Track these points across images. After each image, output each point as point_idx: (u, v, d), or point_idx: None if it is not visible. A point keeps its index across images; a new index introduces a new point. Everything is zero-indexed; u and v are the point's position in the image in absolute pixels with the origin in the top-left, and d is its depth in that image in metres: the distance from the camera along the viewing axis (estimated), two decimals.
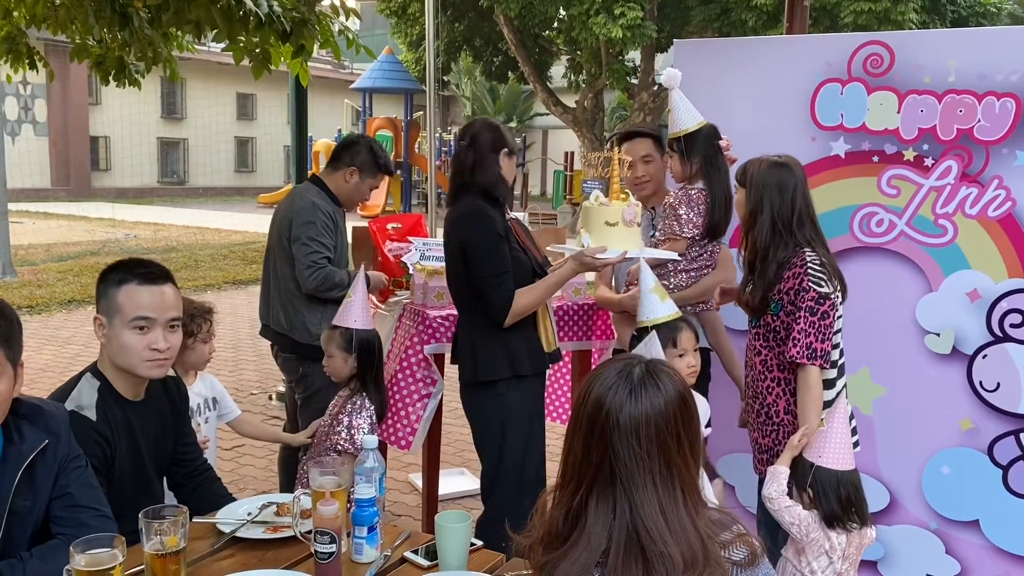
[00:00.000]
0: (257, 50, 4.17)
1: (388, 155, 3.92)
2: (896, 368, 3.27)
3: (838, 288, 2.66)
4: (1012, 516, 3.15)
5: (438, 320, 3.57)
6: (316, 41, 4.32)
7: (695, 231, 3.10)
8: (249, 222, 18.76)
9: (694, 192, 3.11)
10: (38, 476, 1.84)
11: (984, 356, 3.15)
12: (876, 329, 3.26)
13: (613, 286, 3.46)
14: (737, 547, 1.42)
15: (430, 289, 3.67)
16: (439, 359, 3.60)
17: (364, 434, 2.66)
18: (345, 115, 23.23)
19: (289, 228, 3.62)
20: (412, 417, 3.61)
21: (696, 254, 3.17)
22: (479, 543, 2.05)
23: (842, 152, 3.30)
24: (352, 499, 1.95)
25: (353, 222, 4.48)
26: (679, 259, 3.12)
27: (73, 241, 15.04)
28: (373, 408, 2.81)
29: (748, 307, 2.80)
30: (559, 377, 4.15)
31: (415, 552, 2.00)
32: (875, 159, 3.25)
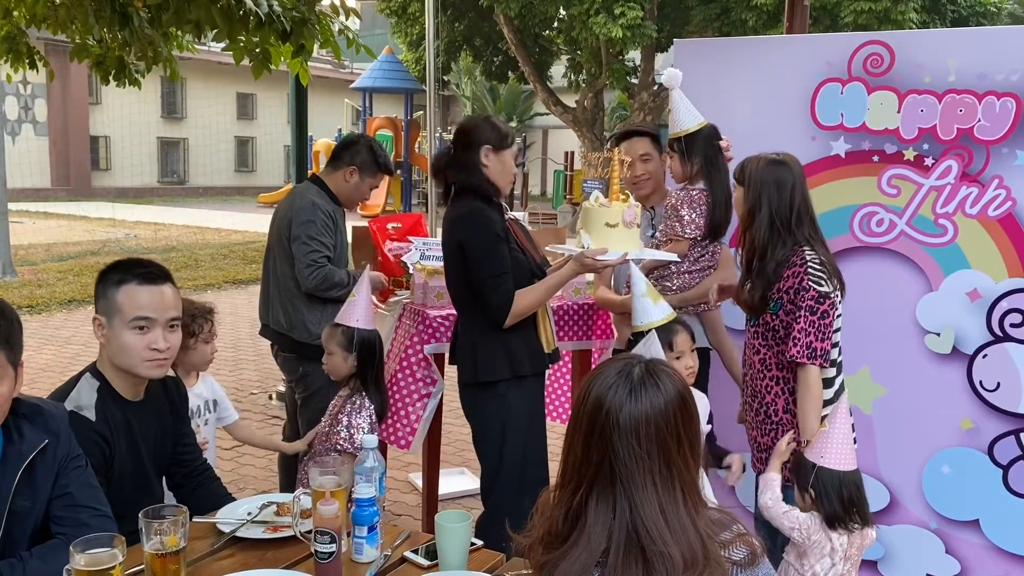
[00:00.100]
0: (257, 50, 4.17)
1: (388, 155, 3.92)
2: (896, 368, 3.27)
3: (837, 287, 2.66)
4: (1012, 516, 3.16)
5: (438, 320, 3.57)
6: (316, 41, 4.32)
7: (697, 232, 3.10)
8: (249, 222, 18.76)
9: (695, 193, 3.10)
10: (38, 476, 1.84)
11: (984, 356, 3.15)
12: (876, 329, 3.26)
13: (612, 286, 3.45)
14: (737, 547, 1.42)
15: (430, 289, 3.67)
16: (439, 359, 3.60)
17: (364, 434, 2.66)
18: (345, 115, 23.23)
19: (289, 227, 3.63)
20: (412, 417, 3.61)
21: (698, 255, 3.17)
22: (479, 543, 2.05)
23: (842, 152, 3.30)
24: (352, 499, 1.95)
25: (353, 222, 4.48)
26: (679, 261, 3.11)
27: (73, 241, 15.04)
28: (373, 408, 2.81)
29: (747, 306, 2.80)
30: (559, 377, 4.15)
31: (415, 552, 2.00)
32: (875, 159, 3.25)
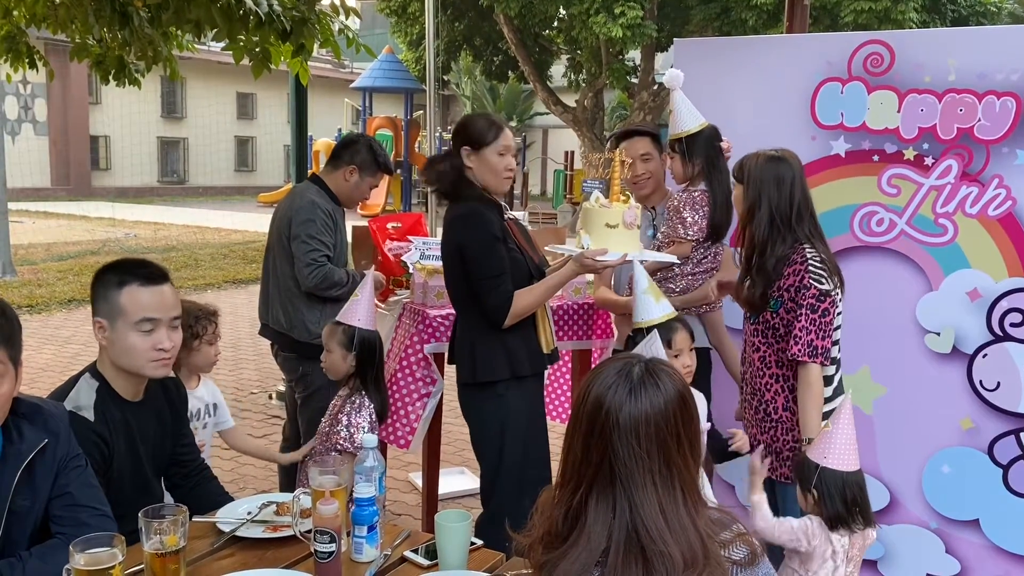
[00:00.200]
0: (257, 49, 4.17)
1: (387, 154, 3.92)
2: (896, 367, 3.27)
3: (838, 284, 2.66)
4: (1012, 515, 3.15)
5: (438, 319, 3.57)
6: (316, 40, 4.32)
7: (700, 234, 3.10)
8: (249, 221, 18.76)
9: (697, 194, 3.10)
10: (37, 475, 1.84)
11: (984, 355, 3.15)
12: (876, 328, 3.26)
13: (613, 287, 3.45)
14: (737, 546, 1.42)
15: (430, 288, 3.67)
16: (439, 358, 3.60)
17: (364, 433, 2.66)
18: (345, 114, 23.24)
19: (289, 226, 3.63)
20: (411, 416, 3.61)
21: (701, 256, 3.17)
22: (479, 542, 2.05)
23: (842, 151, 3.30)
24: (352, 498, 1.95)
25: (353, 221, 4.48)
26: (678, 263, 3.11)
27: (73, 240, 15.04)
28: (373, 407, 2.81)
29: (747, 303, 2.79)
30: (559, 377, 4.15)
31: (415, 551, 2.00)
32: (875, 158, 3.25)
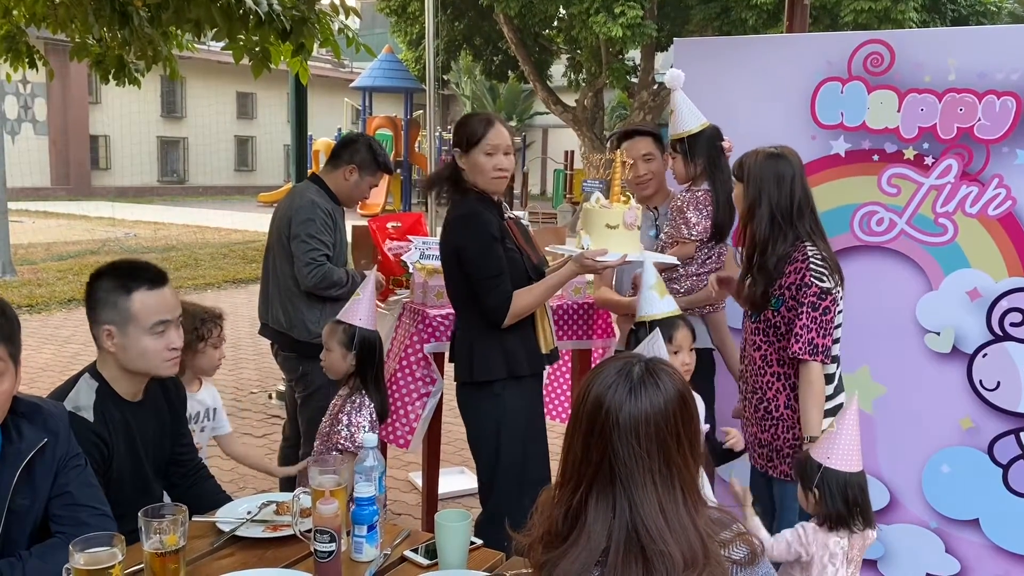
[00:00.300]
0: (257, 49, 4.17)
1: (387, 153, 3.92)
2: (896, 367, 3.27)
3: (838, 282, 2.66)
4: (1012, 515, 3.15)
5: (438, 319, 3.57)
6: (316, 40, 4.31)
7: (704, 234, 3.10)
8: (249, 221, 18.75)
9: (700, 194, 3.10)
10: (37, 475, 1.84)
11: (984, 355, 3.15)
12: (876, 328, 3.26)
13: (614, 287, 3.45)
14: (737, 546, 1.42)
15: (430, 288, 3.66)
16: (439, 358, 3.60)
17: (364, 432, 2.66)
18: (345, 114, 23.23)
19: (288, 226, 3.63)
20: (411, 416, 3.61)
21: (705, 256, 3.17)
22: (479, 542, 2.05)
23: (842, 151, 3.30)
24: (352, 498, 1.95)
25: (353, 221, 4.48)
26: (679, 264, 3.11)
27: (73, 240, 15.04)
28: (373, 406, 2.80)
29: (748, 301, 2.79)
30: (559, 376, 4.15)
31: (415, 551, 2.00)
32: (875, 158, 3.25)
